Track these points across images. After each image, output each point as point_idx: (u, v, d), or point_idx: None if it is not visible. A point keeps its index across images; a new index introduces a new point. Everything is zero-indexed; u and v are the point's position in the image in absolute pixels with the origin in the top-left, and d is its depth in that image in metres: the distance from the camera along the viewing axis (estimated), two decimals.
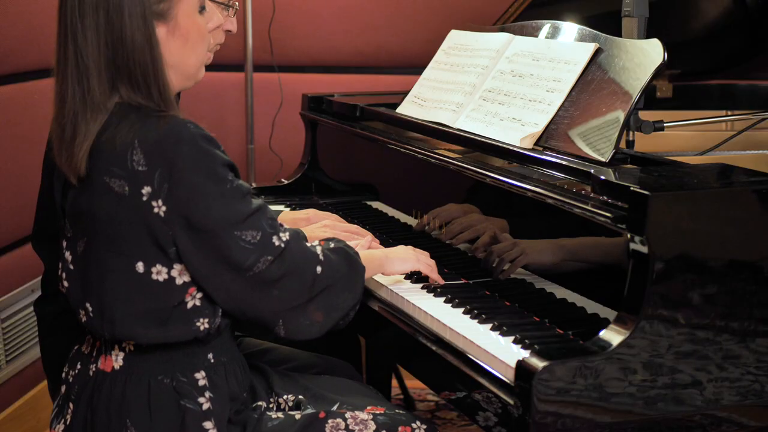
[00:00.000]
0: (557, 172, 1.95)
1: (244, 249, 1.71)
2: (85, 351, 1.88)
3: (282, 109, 3.73)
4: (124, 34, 1.72)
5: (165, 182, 1.67)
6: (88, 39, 1.73)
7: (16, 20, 2.97)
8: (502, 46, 2.36)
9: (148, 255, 1.72)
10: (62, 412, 1.88)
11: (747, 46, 2.70)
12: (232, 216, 1.70)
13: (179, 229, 1.69)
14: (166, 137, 1.68)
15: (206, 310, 1.77)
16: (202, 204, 1.68)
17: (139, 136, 1.68)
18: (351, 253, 1.88)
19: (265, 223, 1.74)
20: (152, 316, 1.74)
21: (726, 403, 1.71)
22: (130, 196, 1.69)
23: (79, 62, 1.74)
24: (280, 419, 1.85)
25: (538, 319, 1.89)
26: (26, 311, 3.07)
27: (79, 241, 1.78)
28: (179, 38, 1.78)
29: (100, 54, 1.73)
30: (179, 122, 1.70)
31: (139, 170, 1.68)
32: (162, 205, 1.68)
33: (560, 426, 1.60)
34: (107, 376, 1.81)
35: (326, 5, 3.72)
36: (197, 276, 1.73)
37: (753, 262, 1.70)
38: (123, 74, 1.73)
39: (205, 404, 1.79)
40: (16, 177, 2.98)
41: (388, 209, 2.55)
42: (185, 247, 1.70)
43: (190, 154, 1.68)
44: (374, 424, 1.85)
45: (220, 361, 1.83)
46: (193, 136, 1.69)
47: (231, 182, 1.71)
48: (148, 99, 1.73)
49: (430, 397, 3.41)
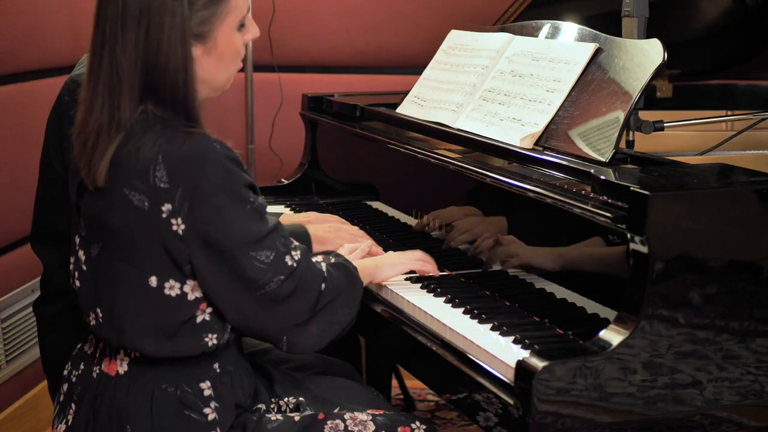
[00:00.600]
0: (557, 172, 1.95)
1: (258, 268, 1.71)
2: (88, 351, 1.87)
3: (282, 109, 3.73)
4: (160, 53, 1.69)
5: (186, 201, 1.66)
6: (126, 53, 1.70)
7: (16, 20, 2.97)
8: (502, 46, 2.36)
9: (162, 270, 1.71)
10: (64, 412, 1.87)
11: (747, 46, 2.70)
12: (249, 236, 1.70)
13: (196, 247, 1.69)
14: (192, 157, 1.66)
15: (215, 325, 1.77)
16: (221, 225, 1.68)
17: (163, 151, 1.67)
18: (351, 269, 1.90)
19: (278, 243, 1.74)
20: (161, 329, 1.74)
21: (726, 403, 1.71)
22: (149, 212, 1.68)
23: (113, 75, 1.70)
24: (280, 421, 1.85)
25: (538, 319, 1.89)
26: (26, 311, 3.07)
27: (93, 244, 1.77)
28: (215, 58, 1.77)
29: (136, 70, 1.70)
30: (206, 141, 1.69)
31: (161, 187, 1.66)
32: (181, 223, 1.68)
33: (560, 426, 1.60)
34: (111, 380, 1.80)
35: (326, 5, 3.72)
36: (209, 292, 1.73)
37: (753, 262, 1.70)
38: (152, 92, 1.71)
39: (211, 414, 1.78)
40: (16, 177, 2.98)
41: (388, 209, 2.55)
42: (200, 265, 1.70)
43: (215, 176, 1.67)
44: (373, 425, 1.85)
45: (226, 370, 1.83)
46: (219, 157, 1.68)
47: (252, 203, 1.71)
48: (176, 114, 1.72)
49: (430, 397, 3.41)
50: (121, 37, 1.69)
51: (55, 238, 2.22)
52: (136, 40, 1.69)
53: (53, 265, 2.25)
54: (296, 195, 2.86)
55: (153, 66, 1.69)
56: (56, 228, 2.22)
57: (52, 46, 3.19)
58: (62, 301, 2.21)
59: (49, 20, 3.16)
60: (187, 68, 1.71)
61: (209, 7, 1.74)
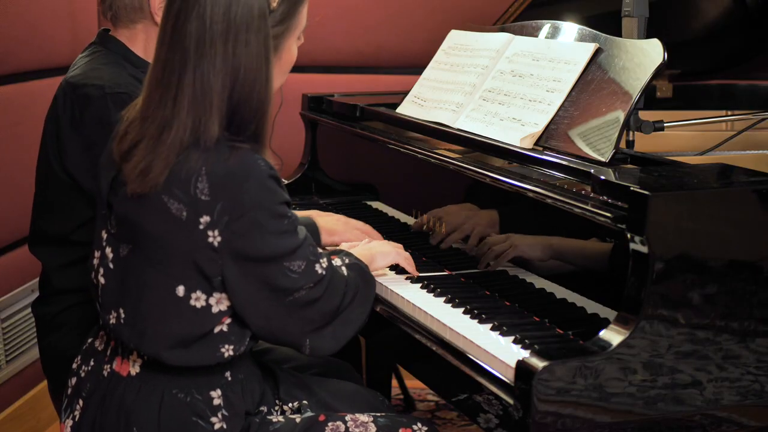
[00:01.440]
0: (557, 172, 1.95)
1: (290, 278, 1.73)
2: (99, 347, 1.87)
3: (282, 109, 3.73)
4: (249, 71, 1.69)
5: (226, 215, 1.67)
6: (215, 71, 1.68)
7: (16, 20, 2.97)
8: (502, 46, 2.36)
9: (190, 280, 1.71)
10: (71, 407, 1.87)
11: (747, 46, 2.70)
12: (284, 250, 1.72)
13: (229, 258, 1.70)
14: (235, 173, 1.67)
15: (233, 336, 1.77)
16: (258, 239, 1.69)
17: (207, 164, 1.67)
18: (364, 268, 1.92)
19: (308, 252, 1.76)
20: (180, 338, 1.74)
21: (726, 403, 1.71)
22: (187, 221, 1.68)
23: (200, 94, 1.68)
24: (281, 423, 1.85)
25: (538, 319, 1.89)
26: (26, 311, 3.07)
27: (123, 244, 1.77)
28: (278, 67, 1.80)
29: (224, 89, 1.69)
30: (250, 158, 1.69)
31: (202, 199, 1.67)
32: (218, 235, 1.68)
33: (560, 426, 1.60)
34: (122, 380, 1.80)
35: (326, 5, 3.72)
36: (237, 303, 1.73)
37: (753, 262, 1.70)
38: (238, 112, 1.70)
39: (218, 424, 1.78)
40: (16, 177, 2.98)
41: (388, 209, 2.55)
42: (232, 275, 1.71)
43: (256, 192, 1.68)
44: (375, 427, 1.85)
45: (237, 378, 1.83)
46: (262, 174, 1.69)
47: (288, 218, 1.73)
48: (245, 132, 1.71)
49: (430, 397, 3.41)
50: (210, 54, 1.67)
51: (54, 240, 2.22)
52: (224, 57, 1.68)
53: (52, 266, 2.25)
54: (296, 195, 2.86)
55: (241, 84, 1.69)
56: (55, 230, 2.21)
57: (52, 46, 3.19)
58: (61, 301, 2.21)
59: (49, 20, 3.16)
60: (269, 81, 1.72)
61: (284, 22, 1.78)
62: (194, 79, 1.68)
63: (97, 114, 2.09)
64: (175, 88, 1.69)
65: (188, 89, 1.68)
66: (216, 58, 1.68)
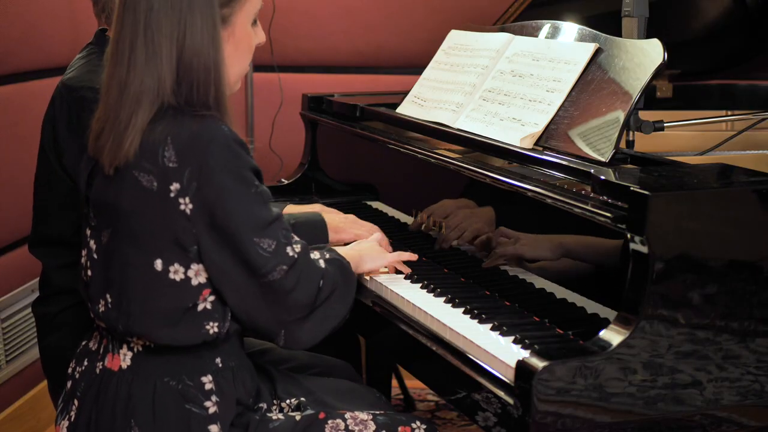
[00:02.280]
0: (557, 172, 1.95)
1: (261, 256, 1.73)
2: (92, 347, 1.89)
3: (282, 109, 3.73)
4: (194, 33, 1.74)
5: (194, 180, 1.69)
6: (163, 31, 1.73)
7: (16, 20, 2.97)
8: (502, 46, 2.36)
9: (167, 253, 1.73)
10: (67, 409, 1.88)
11: (747, 46, 2.70)
12: (253, 220, 1.73)
13: (203, 227, 1.71)
14: (200, 136, 1.70)
15: (216, 313, 1.78)
16: (227, 205, 1.71)
17: (172, 133, 1.71)
18: (345, 264, 1.91)
19: (280, 234, 1.77)
20: (166, 315, 1.76)
21: (726, 403, 1.71)
22: (158, 192, 1.71)
23: (149, 52, 1.74)
24: (281, 420, 1.85)
25: (538, 319, 1.89)
26: (26, 311, 3.07)
27: (103, 231, 1.80)
28: (232, 44, 1.82)
29: (173, 47, 1.74)
30: (213, 123, 1.73)
31: (170, 167, 1.70)
32: (189, 202, 1.70)
33: (560, 426, 1.60)
34: (114, 375, 1.81)
35: (326, 5, 3.72)
36: (214, 274, 1.75)
37: (753, 262, 1.70)
38: (188, 71, 1.74)
39: (211, 408, 1.79)
40: (16, 177, 2.98)
41: (388, 209, 2.55)
42: (207, 245, 1.73)
43: (222, 155, 1.70)
44: (374, 425, 1.85)
45: (227, 365, 1.84)
46: (226, 137, 1.72)
47: (256, 187, 1.75)
48: (204, 99, 1.75)
49: (430, 397, 3.41)
50: (156, 17, 1.73)
51: (54, 241, 2.22)
52: (171, 19, 1.73)
53: (52, 266, 2.25)
54: (296, 195, 2.86)
55: (188, 44, 1.74)
56: (54, 232, 2.22)
57: (52, 46, 3.19)
58: (61, 301, 2.21)
59: (48, 20, 3.16)
60: (217, 46, 1.76)
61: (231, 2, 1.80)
62: (145, 42, 1.73)
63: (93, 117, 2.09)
64: (128, 53, 1.74)
65: (140, 52, 1.73)
66: (162, 23, 1.73)
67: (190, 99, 1.75)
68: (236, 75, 1.87)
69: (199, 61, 1.74)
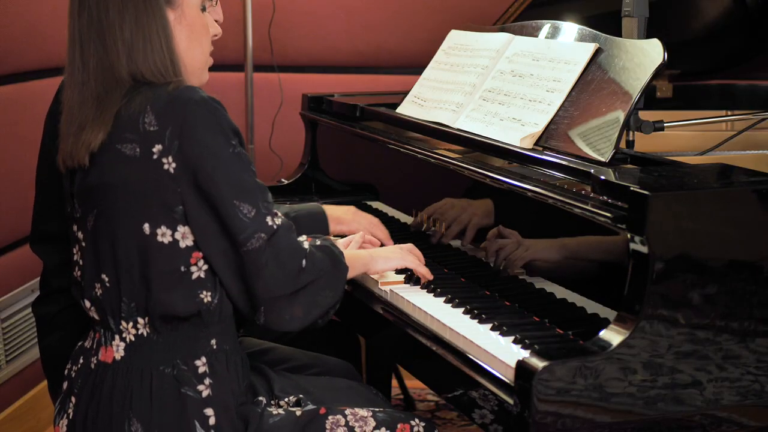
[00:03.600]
0: (557, 172, 1.95)
1: (241, 220, 1.75)
2: (87, 346, 1.90)
3: (282, 109, 3.73)
4: (138, 15, 1.78)
5: (176, 139, 1.72)
6: (106, 22, 1.78)
7: (16, 20, 2.97)
8: (502, 46, 2.36)
9: (153, 216, 1.75)
10: (64, 408, 1.89)
11: (747, 46, 2.70)
12: (234, 180, 1.75)
13: (186, 186, 1.74)
14: (177, 98, 1.74)
15: (209, 282, 1.80)
16: (209, 162, 1.73)
17: (150, 101, 1.74)
18: (336, 252, 1.90)
19: (260, 203, 1.78)
20: (159, 279, 1.77)
21: (726, 403, 1.71)
22: (141, 157, 1.74)
23: (97, 47, 1.79)
24: (281, 415, 1.86)
25: (538, 319, 1.89)
26: (26, 311, 3.07)
27: (88, 216, 1.81)
28: (186, 27, 1.85)
29: (120, 33, 1.78)
30: (189, 86, 1.78)
31: (151, 130, 1.73)
32: (172, 161, 1.73)
33: (560, 426, 1.60)
34: (108, 367, 1.82)
35: (326, 5, 3.72)
36: (199, 237, 1.77)
37: (753, 262, 1.70)
38: (139, 50, 1.78)
39: (205, 391, 1.80)
40: (16, 177, 2.98)
41: (388, 209, 2.55)
42: (191, 206, 1.75)
43: (201, 113, 1.74)
44: (374, 421, 1.85)
45: (222, 348, 1.85)
46: (203, 96, 1.76)
47: (234, 147, 1.77)
48: (163, 73, 1.79)
49: (430, 397, 3.41)
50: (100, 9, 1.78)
51: (54, 238, 2.22)
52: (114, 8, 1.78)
53: (52, 264, 2.25)
54: (296, 195, 2.86)
55: (134, 25, 1.78)
56: (55, 228, 2.21)
57: (52, 46, 3.19)
58: (61, 300, 2.21)
59: (49, 20, 3.16)
60: (164, 23, 1.80)
61: None
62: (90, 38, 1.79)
63: None
64: (79, 51, 1.81)
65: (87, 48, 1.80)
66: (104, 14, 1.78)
67: (150, 76, 1.78)
68: (199, 60, 1.89)
69: (148, 40, 1.78)
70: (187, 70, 1.86)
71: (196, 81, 1.88)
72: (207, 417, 1.79)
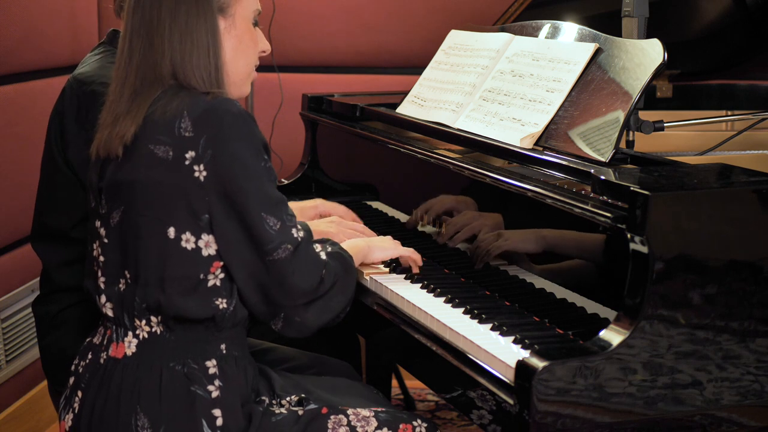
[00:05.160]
0: (557, 172, 1.95)
1: (267, 231, 1.77)
2: (96, 342, 1.90)
3: (282, 109, 3.73)
4: (189, 19, 1.81)
5: (209, 148, 1.75)
6: (159, 22, 1.81)
7: (16, 20, 2.97)
8: (502, 46, 2.36)
9: (179, 221, 1.77)
10: (70, 403, 1.89)
11: (747, 46, 2.70)
12: (263, 193, 1.78)
13: (215, 195, 1.76)
14: (216, 108, 1.77)
15: (224, 290, 1.81)
16: (239, 174, 1.76)
17: (187, 107, 1.77)
18: (346, 257, 1.92)
19: (285, 215, 1.81)
20: (178, 283, 1.79)
21: (726, 403, 1.71)
22: (173, 160, 1.76)
23: (145, 43, 1.82)
24: (284, 414, 1.87)
25: (538, 319, 1.89)
26: (26, 311, 3.07)
27: (114, 212, 1.83)
28: (234, 38, 1.88)
29: (168, 36, 1.80)
30: (227, 98, 1.81)
31: (186, 136, 1.75)
32: (203, 170, 1.75)
33: (560, 426, 1.60)
34: (119, 362, 1.83)
35: (326, 5, 3.72)
36: (223, 246, 1.78)
37: (753, 262, 1.70)
38: (185, 54, 1.81)
39: (215, 392, 1.81)
40: (15, 177, 2.98)
41: (388, 209, 2.55)
42: (217, 215, 1.77)
43: (236, 125, 1.76)
44: (376, 421, 1.86)
45: (232, 354, 1.86)
46: (240, 110, 1.79)
47: (266, 161, 1.80)
48: (205, 80, 1.81)
49: (430, 397, 3.41)
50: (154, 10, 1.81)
51: (56, 236, 2.22)
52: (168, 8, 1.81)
53: (53, 263, 2.25)
54: (296, 195, 2.86)
55: (184, 28, 1.81)
56: (57, 226, 2.22)
57: (52, 46, 3.19)
58: (61, 300, 2.22)
59: (49, 20, 3.16)
60: (214, 31, 1.83)
61: None
62: (141, 34, 1.82)
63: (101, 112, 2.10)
64: (128, 47, 1.84)
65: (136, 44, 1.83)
66: (158, 15, 1.81)
67: (191, 81, 1.81)
68: (243, 72, 1.91)
69: (195, 45, 1.81)
70: (230, 80, 1.88)
71: (237, 92, 1.90)
72: (215, 417, 1.80)
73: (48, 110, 2.26)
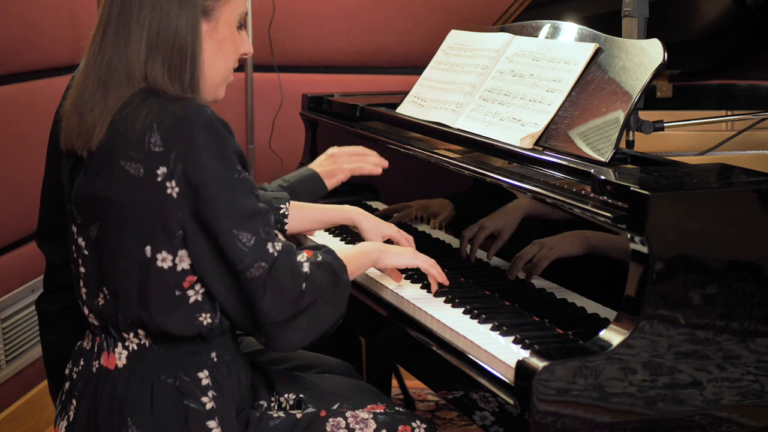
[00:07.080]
0: (557, 172, 1.95)
1: (240, 249, 1.71)
2: (86, 347, 1.89)
3: (282, 109, 3.73)
4: (170, 17, 1.75)
5: (180, 163, 1.69)
6: (135, 16, 1.75)
7: (16, 20, 2.97)
8: (502, 46, 2.36)
9: (155, 240, 1.73)
10: (66, 409, 1.88)
11: (747, 46, 2.70)
12: (235, 207, 1.71)
13: (188, 211, 1.71)
14: (184, 118, 1.70)
15: (207, 305, 1.78)
16: (210, 188, 1.70)
17: (156, 119, 1.70)
18: (336, 267, 1.85)
19: (261, 229, 1.74)
20: (157, 302, 1.75)
21: (726, 403, 1.71)
22: (145, 178, 1.70)
23: (119, 36, 1.76)
24: (282, 418, 1.85)
25: (538, 319, 1.89)
26: (27, 311, 3.07)
27: (91, 226, 1.79)
28: (216, 41, 1.81)
29: (144, 29, 1.75)
30: (197, 105, 1.73)
31: (156, 151, 1.70)
32: (175, 186, 1.70)
33: (560, 426, 1.60)
34: (110, 373, 1.81)
35: (326, 5, 3.72)
36: (197, 262, 1.74)
37: (753, 262, 1.71)
38: (160, 53, 1.76)
39: (209, 404, 1.79)
40: (16, 177, 2.98)
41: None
42: (191, 233, 1.72)
43: (206, 136, 1.70)
44: (374, 423, 1.85)
45: (223, 360, 1.83)
46: (210, 118, 1.72)
47: (239, 172, 1.73)
48: (179, 83, 1.76)
49: (430, 397, 3.41)
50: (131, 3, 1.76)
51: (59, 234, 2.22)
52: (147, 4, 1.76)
53: (57, 261, 2.25)
54: None
55: (164, 27, 1.75)
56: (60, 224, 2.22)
57: (52, 46, 3.19)
58: (65, 297, 2.22)
59: (49, 20, 3.16)
60: (195, 33, 1.77)
61: None
62: (116, 27, 1.77)
63: None
64: (100, 40, 1.78)
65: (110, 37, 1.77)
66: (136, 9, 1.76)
67: (163, 83, 1.75)
68: (220, 77, 1.84)
69: (173, 45, 1.75)
70: (206, 84, 1.82)
71: (211, 95, 1.84)
72: (210, 429, 1.78)
73: (48, 110, 2.25)
